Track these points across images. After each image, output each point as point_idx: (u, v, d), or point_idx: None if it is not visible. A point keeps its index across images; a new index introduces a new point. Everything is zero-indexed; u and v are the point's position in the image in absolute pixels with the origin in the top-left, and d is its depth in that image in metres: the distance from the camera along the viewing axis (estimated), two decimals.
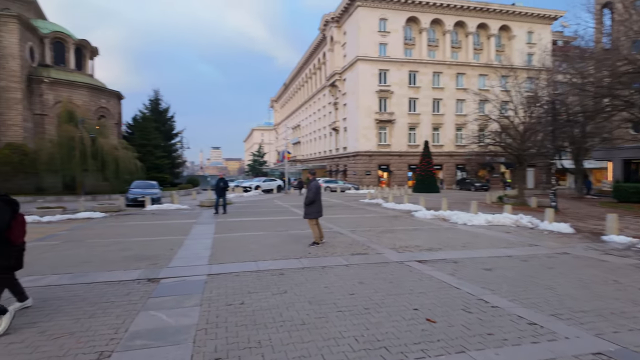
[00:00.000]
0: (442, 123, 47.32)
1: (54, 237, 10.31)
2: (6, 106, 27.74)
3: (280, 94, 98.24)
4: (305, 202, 8.94)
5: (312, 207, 8.90)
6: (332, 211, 17.66)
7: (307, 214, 8.96)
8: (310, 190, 8.90)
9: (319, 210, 8.96)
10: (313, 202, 8.86)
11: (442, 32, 47.65)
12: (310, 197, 8.79)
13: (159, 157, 33.79)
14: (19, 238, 4.11)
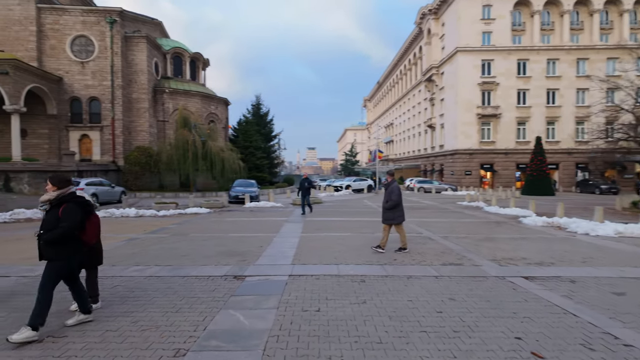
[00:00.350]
0: (558, 116, 41.57)
1: (165, 230, 11.54)
2: (137, 115, 32.49)
3: (374, 93, 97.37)
4: (386, 206, 8.09)
5: (397, 211, 8.13)
6: (424, 214, 16.65)
7: (389, 219, 8.17)
8: (393, 193, 8.05)
9: (402, 214, 8.22)
10: (398, 205, 8.10)
11: (559, 13, 41.81)
12: (395, 199, 7.98)
13: (260, 157, 36.09)
14: (92, 239, 4.18)
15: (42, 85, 27.90)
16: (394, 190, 8.10)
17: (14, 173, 23.37)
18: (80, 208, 4.03)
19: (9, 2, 28.80)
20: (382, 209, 8.30)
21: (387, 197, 8.11)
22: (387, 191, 8.23)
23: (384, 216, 8.26)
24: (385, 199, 8.16)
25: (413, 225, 12.79)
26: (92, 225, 4.18)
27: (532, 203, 17.32)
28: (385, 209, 8.20)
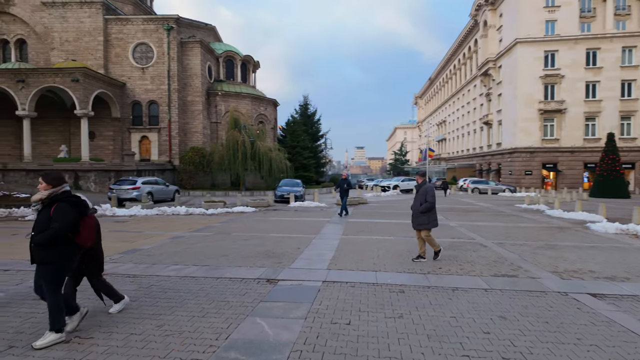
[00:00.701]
0: (634, 110, 37.34)
1: (210, 228, 11.78)
2: (191, 117, 34.05)
3: (425, 90, 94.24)
4: (421, 209, 7.26)
5: (432, 215, 7.35)
6: (477, 217, 15.57)
7: (422, 224, 7.34)
8: (428, 194, 7.24)
9: (435, 219, 7.45)
10: (432, 208, 7.33)
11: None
12: (431, 201, 7.22)
13: (306, 157, 36.28)
14: (86, 241, 3.83)
15: (108, 91, 30.12)
16: (428, 191, 7.32)
17: (82, 172, 25.43)
18: (74, 208, 3.72)
19: (80, 15, 31.43)
20: (413, 213, 7.49)
21: (421, 199, 7.31)
22: (418, 193, 7.44)
23: (416, 221, 7.46)
24: (419, 202, 7.36)
25: (463, 229, 11.95)
26: (87, 227, 3.82)
27: (602, 207, 15.55)
28: (419, 212, 7.37)
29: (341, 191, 15.78)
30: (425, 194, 7.30)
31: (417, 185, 7.63)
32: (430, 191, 7.33)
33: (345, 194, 15.82)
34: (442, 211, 17.95)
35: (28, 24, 31.54)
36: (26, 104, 26.63)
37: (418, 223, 7.42)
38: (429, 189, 7.37)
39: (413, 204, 7.51)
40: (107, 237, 9.91)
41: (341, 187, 15.79)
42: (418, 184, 7.65)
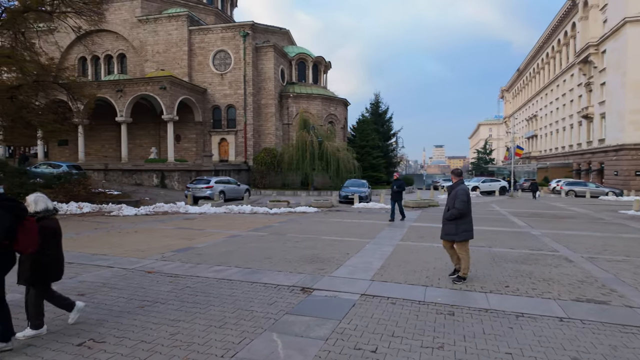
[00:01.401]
0: None
1: (268, 228, 11.82)
2: (265, 119, 35.34)
3: (513, 82, 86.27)
4: (447, 216, 6.10)
5: (462, 224, 6.00)
6: (567, 225, 13.46)
7: (449, 233, 6.10)
8: (457, 198, 5.99)
9: (468, 228, 6.08)
10: (464, 216, 6.01)
11: None
12: (460, 207, 5.92)
13: (376, 157, 35.37)
14: (26, 248, 3.51)
15: (191, 97, 32.56)
16: (458, 194, 6.02)
17: (168, 172, 27.80)
18: (9, 212, 3.39)
19: (168, 28, 34.50)
20: (442, 219, 6.31)
21: (450, 204, 6.11)
22: (450, 196, 6.22)
23: (443, 230, 6.26)
24: (447, 206, 6.19)
25: (547, 239, 10.33)
26: (26, 232, 3.47)
27: None
28: (445, 219, 6.17)
29: (392, 194, 14.24)
30: (455, 198, 6.03)
31: (450, 186, 6.41)
32: (462, 195, 6.00)
33: (398, 197, 14.07)
34: (525, 217, 15.96)
35: (127, 39, 35.50)
36: (123, 111, 29.95)
37: (445, 232, 6.18)
38: (461, 192, 6.05)
39: (444, 208, 6.33)
40: (170, 234, 10.47)
41: (392, 189, 14.30)
42: (452, 183, 6.37)
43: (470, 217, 6.10)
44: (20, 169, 21.12)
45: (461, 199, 5.97)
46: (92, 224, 12.13)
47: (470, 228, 6.10)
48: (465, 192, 6.08)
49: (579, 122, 45.11)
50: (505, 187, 33.94)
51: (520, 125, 78.05)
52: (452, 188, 6.27)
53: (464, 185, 6.25)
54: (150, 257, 7.52)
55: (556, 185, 34.75)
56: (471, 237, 6.10)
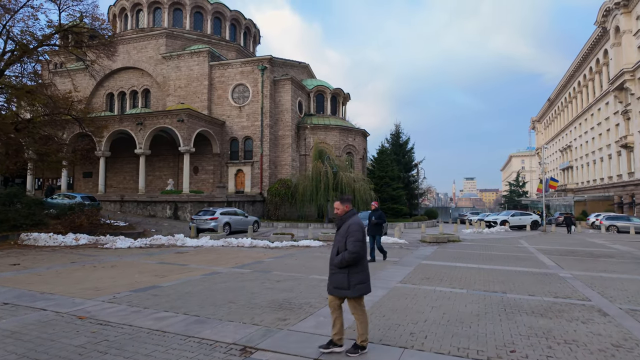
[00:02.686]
0: None
1: (256, 264, 10.74)
2: (281, 150, 35.05)
3: (544, 113, 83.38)
4: (336, 262, 4.25)
5: (356, 273, 4.24)
6: (604, 266, 11.58)
7: (340, 287, 4.25)
8: (350, 236, 4.19)
9: (365, 279, 4.36)
10: (358, 262, 4.25)
11: None
12: (355, 250, 4.11)
13: (396, 188, 33.94)
14: None
15: (209, 129, 32.88)
16: (351, 231, 4.21)
17: (181, 203, 27.57)
18: None
19: (190, 64, 35.60)
20: (330, 266, 4.42)
21: (340, 244, 4.28)
22: (339, 232, 4.39)
23: (331, 281, 4.37)
24: (337, 247, 4.32)
25: (579, 283, 8.68)
26: None
27: None
28: (333, 266, 4.32)
29: (370, 227, 11.73)
30: (347, 235, 4.22)
31: (339, 220, 4.47)
32: (356, 232, 4.18)
33: (377, 230, 11.88)
34: (556, 255, 14.09)
35: (152, 75, 36.88)
36: (143, 143, 30.46)
37: (334, 284, 4.30)
38: (354, 227, 4.23)
39: (332, 250, 4.46)
40: (147, 269, 9.61)
41: (369, 222, 11.83)
42: (341, 215, 4.46)
43: (366, 262, 4.39)
44: (36, 200, 21.35)
45: (356, 238, 4.15)
46: (74, 257, 11.51)
47: (367, 278, 4.36)
48: (360, 227, 4.26)
49: (617, 152, 42.12)
50: (537, 221, 31.38)
51: (554, 157, 74.49)
52: (342, 221, 4.40)
53: (357, 218, 4.40)
54: (99, 298, 6.62)
55: (595, 219, 31.83)
56: (368, 290, 4.38)
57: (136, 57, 37.36)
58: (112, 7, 41.81)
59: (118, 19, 41.60)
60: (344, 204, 4.46)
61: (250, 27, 45.49)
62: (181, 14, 39.80)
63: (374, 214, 12.10)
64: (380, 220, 12.05)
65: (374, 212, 12.17)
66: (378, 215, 12.05)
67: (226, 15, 41.41)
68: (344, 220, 4.38)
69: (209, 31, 39.99)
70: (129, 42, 37.57)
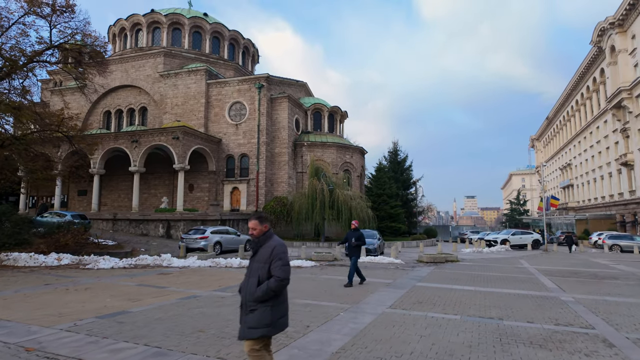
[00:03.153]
0: None
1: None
2: (278, 167, 34.71)
3: (543, 131, 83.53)
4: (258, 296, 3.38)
5: (280, 304, 3.51)
6: (610, 288, 10.98)
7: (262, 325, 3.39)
8: (276, 261, 3.43)
9: (286, 310, 3.60)
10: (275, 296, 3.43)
11: None
12: (284, 276, 3.40)
13: (394, 206, 33.41)
14: None
15: (205, 146, 32.63)
16: (276, 254, 3.44)
17: (174, 222, 27.03)
18: None
19: (188, 82, 35.69)
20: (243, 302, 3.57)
21: (260, 271, 3.44)
22: (255, 258, 3.55)
23: (247, 322, 3.46)
24: (256, 275, 3.45)
25: (581, 308, 8.11)
26: None
27: None
28: (252, 300, 3.43)
29: (349, 248, 11.08)
30: (271, 260, 3.42)
31: (255, 242, 3.57)
32: (283, 253, 3.47)
33: (356, 252, 10.98)
34: (558, 276, 13.50)
35: (149, 93, 36.94)
36: (137, 161, 30.15)
37: (253, 324, 3.38)
38: (279, 249, 3.47)
39: (244, 280, 3.60)
40: (122, 292, 9.05)
41: (348, 242, 11.20)
42: (257, 237, 3.56)
43: (285, 297, 3.58)
44: (25, 218, 20.89)
45: (284, 261, 3.42)
46: (50, 279, 10.95)
47: (287, 309, 3.62)
48: (285, 249, 3.54)
49: (618, 170, 41.73)
50: (538, 240, 30.70)
51: (554, 175, 74.15)
52: (260, 244, 3.54)
53: (279, 238, 3.62)
54: (59, 325, 6.07)
55: (598, 238, 31.16)
56: (287, 324, 3.59)
57: (134, 75, 37.53)
58: (112, 27, 42.35)
59: (118, 39, 42.06)
60: (262, 223, 3.59)
61: (248, 47, 45.93)
62: (180, 34, 40.22)
63: (354, 234, 11.25)
64: (360, 242, 11.14)
65: (353, 232, 11.33)
66: (357, 236, 11.16)
67: (225, 35, 41.84)
68: (262, 243, 3.53)
69: (207, 50, 40.32)
70: (127, 60, 37.82)
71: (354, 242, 11.03)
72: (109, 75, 37.59)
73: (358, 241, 11.06)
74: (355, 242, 11.02)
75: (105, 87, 37.76)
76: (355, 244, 11.01)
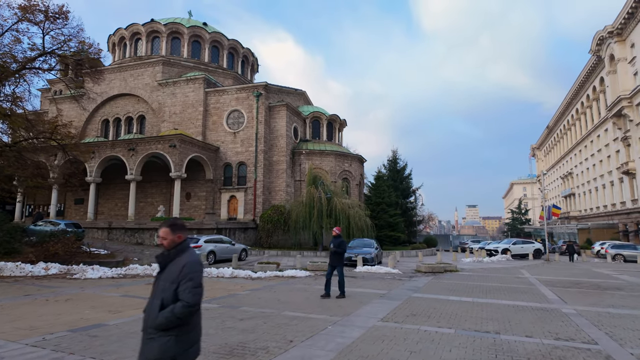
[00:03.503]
0: None
1: (230, 297, 9.80)
2: (276, 176, 34.42)
3: (543, 140, 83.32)
4: (159, 322, 2.69)
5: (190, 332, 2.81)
6: (613, 299, 10.57)
7: (160, 358, 2.70)
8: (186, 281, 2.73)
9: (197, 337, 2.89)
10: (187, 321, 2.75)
11: None
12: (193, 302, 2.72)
13: (393, 215, 33.01)
14: None
15: (202, 155, 32.41)
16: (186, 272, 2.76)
17: None
18: None
19: (186, 91, 35.64)
20: (145, 329, 2.83)
21: (165, 292, 2.76)
22: (162, 277, 2.85)
23: (144, 351, 2.80)
24: (159, 297, 2.77)
25: (583, 321, 7.70)
26: None
27: None
28: (153, 328, 2.74)
29: (330, 255, 10.50)
30: (180, 279, 2.75)
31: (164, 255, 2.92)
32: (194, 273, 2.79)
33: (337, 260, 10.31)
34: (559, 287, 13.07)
35: (147, 102, 36.89)
36: (134, 169, 29.91)
37: (146, 355, 2.78)
38: (192, 266, 2.81)
39: (149, 301, 2.88)
40: (104, 303, 8.68)
41: (330, 251, 10.56)
42: (165, 249, 2.92)
43: (198, 317, 2.89)
44: (18, 227, 20.59)
45: (195, 283, 2.75)
46: (32, 289, 10.58)
47: (199, 336, 2.91)
48: (200, 267, 2.88)
49: (619, 179, 41.33)
50: (540, 249, 30.20)
51: (555, 184, 73.72)
52: (169, 258, 2.86)
53: (194, 253, 2.94)
54: (26, 340, 5.72)
55: (600, 248, 30.64)
56: (199, 352, 2.90)
57: (132, 84, 37.53)
58: (112, 36, 42.56)
59: (117, 48, 42.24)
60: (175, 232, 2.90)
61: (248, 56, 46.05)
62: (179, 43, 40.36)
63: (334, 241, 10.51)
64: (340, 249, 10.36)
65: (334, 239, 10.57)
66: (338, 244, 10.40)
67: (224, 44, 41.96)
68: (172, 257, 2.85)
69: (206, 59, 40.41)
70: (126, 69, 37.88)
71: (333, 248, 10.35)
72: (108, 84, 37.72)
73: (338, 248, 10.34)
74: (333, 249, 10.33)
75: (103, 96, 37.96)
76: (334, 250, 10.31)
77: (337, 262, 10.32)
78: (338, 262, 10.33)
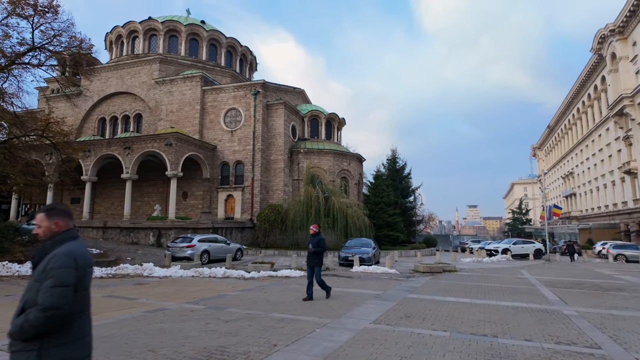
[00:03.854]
0: None
1: (218, 298, 9.44)
2: (273, 175, 34.08)
3: (544, 140, 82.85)
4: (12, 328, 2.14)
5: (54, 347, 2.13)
6: (616, 300, 10.20)
7: None
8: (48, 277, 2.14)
9: (80, 354, 2.22)
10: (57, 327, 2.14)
11: None
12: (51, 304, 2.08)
13: (392, 214, 32.63)
14: None
15: (199, 153, 32.07)
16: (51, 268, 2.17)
17: (165, 230, 26.34)
18: None
19: (183, 89, 35.32)
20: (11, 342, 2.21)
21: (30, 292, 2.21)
22: (35, 272, 2.26)
23: None
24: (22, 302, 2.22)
25: (585, 324, 7.34)
26: None
27: None
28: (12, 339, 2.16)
29: (308, 256, 9.69)
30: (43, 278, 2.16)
31: (38, 249, 2.33)
32: (59, 269, 2.15)
33: (315, 260, 9.50)
34: (560, 287, 12.71)
35: (144, 100, 36.57)
36: (130, 168, 29.59)
37: None
38: (59, 259, 2.18)
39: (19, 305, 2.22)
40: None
41: (308, 250, 9.77)
42: (42, 240, 2.36)
43: (79, 325, 2.25)
44: (10, 226, 20.23)
45: (56, 281, 2.13)
46: (14, 289, 10.25)
47: (84, 354, 2.26)
48: (69, 261, 2.20)
49: (621, 178, 40.93)
50: (540, 249, 29.81)
51: (556, 184, 73.27)
52: (43, 252, 2.27)
53: (73, 245, 2.30)
54: None
55: (602, 248, 30.25)
56: None
57: (129, 82, 37.21)
58: (109, 34, 42.25)
59: (114, 46, 41.92)
60: (52, 218, 2.34)
61: (246, 54, 45.70)
62: (177, 41, 40.02)
63: (312, 239, 9.71)
64: (320, 248, 9.53)
65: (312, 238, 9.79)
66: (317, 242, 9.58)
67: (222, 42, 41.63)
68: (48, 251, 2.28)
69: (204, 57, 40.07)
70: (123, 67, 37.56)
71: (312, 249, 9.53)
72: (105, 82, 37.46)
73: (317, 247, 9.51)
74: (312, 249, 9.50)
75: (100, 94, 37.68)
76: (313, 250, 9.47)
77: (315, 262, 9.48)
78: (317, 262, 9.50)
